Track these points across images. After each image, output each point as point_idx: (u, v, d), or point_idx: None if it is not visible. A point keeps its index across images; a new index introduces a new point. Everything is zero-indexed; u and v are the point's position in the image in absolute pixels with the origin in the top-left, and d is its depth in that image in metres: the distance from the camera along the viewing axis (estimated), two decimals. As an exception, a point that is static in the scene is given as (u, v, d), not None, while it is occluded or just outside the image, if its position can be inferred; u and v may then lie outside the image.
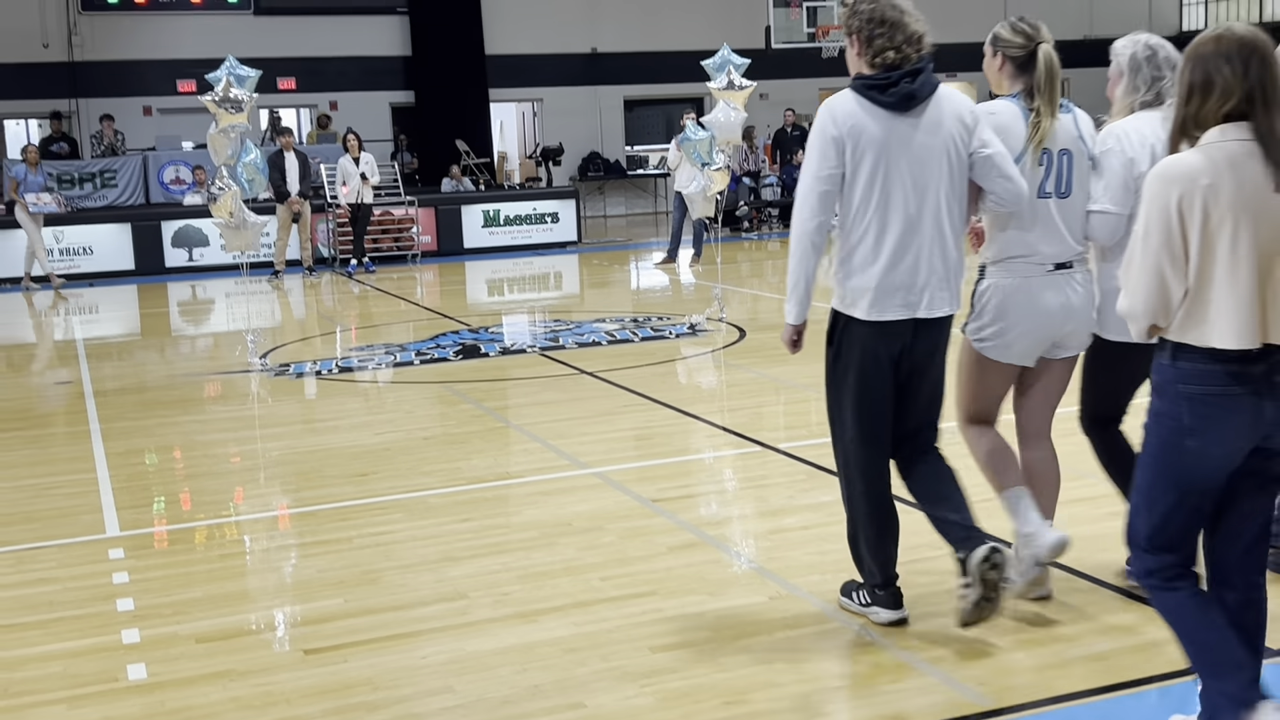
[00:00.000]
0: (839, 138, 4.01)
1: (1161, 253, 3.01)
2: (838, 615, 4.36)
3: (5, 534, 5.75)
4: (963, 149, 4.06)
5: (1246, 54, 2.99)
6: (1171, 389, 3.09)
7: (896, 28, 4.05)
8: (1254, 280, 2.97)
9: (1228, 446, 3.07)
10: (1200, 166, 2.99)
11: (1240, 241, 2.97)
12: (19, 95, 22.20)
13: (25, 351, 12.04)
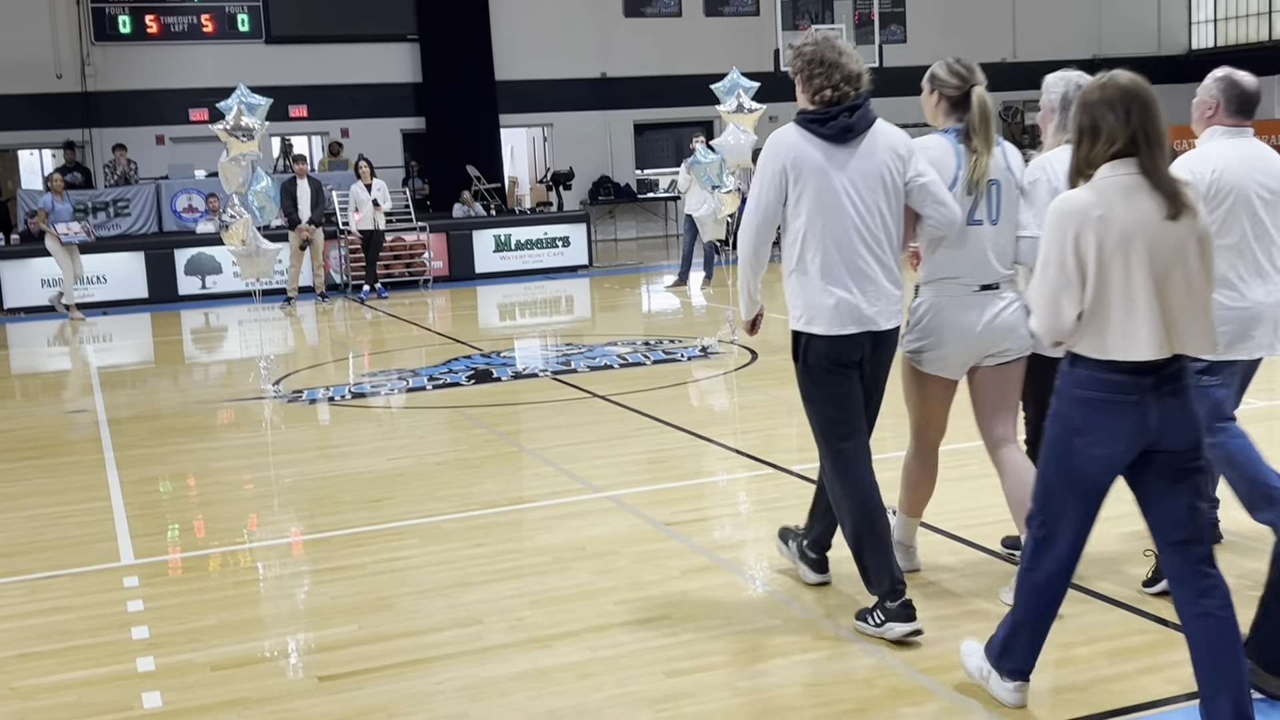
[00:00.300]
0: (783, 168, 4.39)
1: (1058, 279, 3.36)
2: (854, 639, 4.34)
3: (20, 563, 5.76)
4: (898, 177, 4.41)
5: (1128, 101, 3.35)
6: (1068, 393, 3.47)
7: (835, 68, 4.42)
8: (1149, 298, 3.31)
9: (1110, 449, 3.41)
10: (1092, 201, 3.34)
11: (1133, 265, 3.32)
12: (33, 126, 22.36)
13: (40, 380, 12.08)
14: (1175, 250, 3.34)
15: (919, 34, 27.42)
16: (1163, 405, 3.38)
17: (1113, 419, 3.39)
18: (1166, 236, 3.33)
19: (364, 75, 24.01)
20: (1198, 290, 3.38)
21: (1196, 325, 3.37)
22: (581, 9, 25.25)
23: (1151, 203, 3.34)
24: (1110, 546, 5.11)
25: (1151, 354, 3.32)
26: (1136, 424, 3.38)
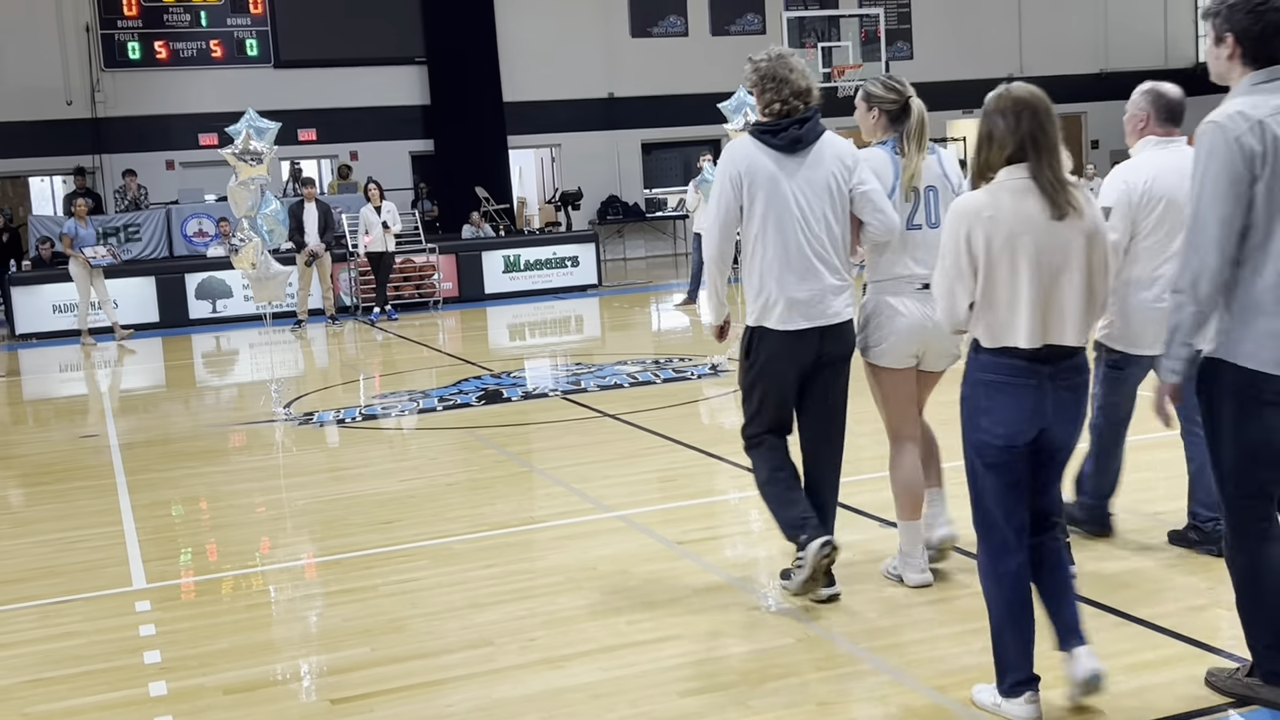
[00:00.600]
0: (738, 175, 4.79)
1: (953, 272, 3.71)
2: (868, 657, 4.32)
3: (31, 589, 5.76)
4: (843, 184, 4.80)
5: (1019, 109, 3.65)
6: (973, 376, 3.77)
7: (785, 83, 4.82)
8: (1035, 292, 3.62)
9: (1011, 427, 3.69)
10: (985, 202, 3.67)
11: (1019, 261, 3.62)
12: (44, 152, 22.49)
13: (51, 405, 12.11)
14: (1062, 248, 3.64)
15: (925, 50, 27.48)
16: (1057, 393, 3.69)
17: (1013, 400, 3.68)
18: (1053, 236, 3.63)
19: (372, 98, 24.11)
20: (1088, 285, 3.67)
21: (1082, 318, 3.68)
22: (588, 30, 25.35)
23: (1039, 204, 3.62)
24: (1123, 564, 5.09)
25: (1029, 342, 3.63)
26: (1034, 406, 3.68)
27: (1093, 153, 28.80)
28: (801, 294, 4.74)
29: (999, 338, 3.68)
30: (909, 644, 4.40)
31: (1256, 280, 3.56)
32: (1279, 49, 3.57)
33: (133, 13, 22.72)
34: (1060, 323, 3.65)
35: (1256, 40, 3.57)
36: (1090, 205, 3.72)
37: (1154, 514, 5.76)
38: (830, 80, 23.21)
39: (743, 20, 26.34)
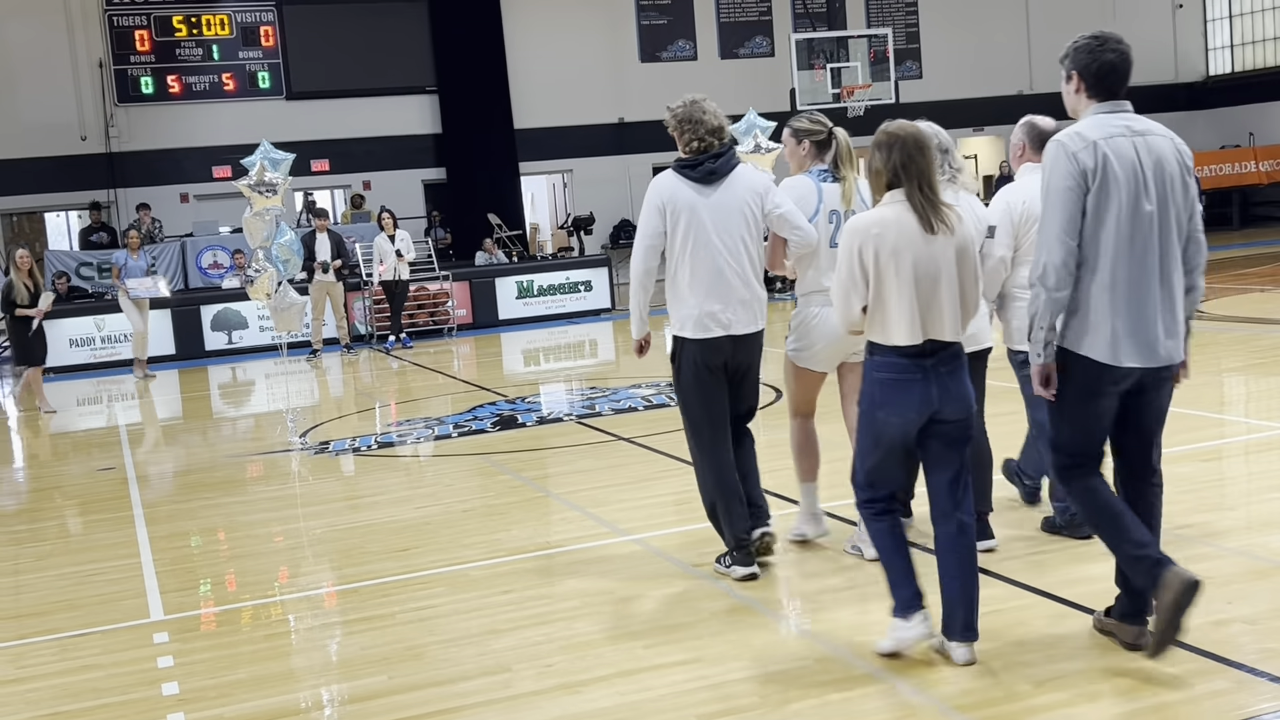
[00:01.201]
0: (662, 205, 5.44)
1: (848, 282, 4.35)
2: (886, 676, 4.30)
3: (49, 622, 5.78)
4: (756, 210, 5.45)
5: (891, 143, 4.32)
6: (870, 375, 4.39)
7: (699, 124, 5.48)
8: (911, 297, 4.25)
9: (904, 416, 4.31)
10: (874, 220, 4.34)
11: (900, 271, 4.27)
12: (59, 188, 22.65)
13: (69, 439, 12.16)
14: (935, 259, 4.29)
15: (934, 69, 27.52)
16: (941, 382, 4.31)
17: (903, 393, 4.30)
18: (928, 249, 4.28)
19: (384, 128, 24.24)
20: (958, 290, 4.33)
21: (956, 317, 4.33)
22: (598, 56, 25.47)
23: (915, 223, 4.27)
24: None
25: (912, 339, 4.27)
26: (923, 396, 4.29)
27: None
28: (715, 306, 5.39)
29: (888, 336, 4.32)
30: (928, 663, 4.37)
31: (1093, 280, 4.15)
32: (1114, 84, 4.27)
33: (145, 48, 22.92)
34: (938, 322, 4.30)
35: (1095, 77, 4.27)
36: (962, 224, 4.37)
37: (1172, 529, 5.72)
38: (840, 100, 23.23)
39: (751, 43, 26.44)
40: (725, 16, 26.36)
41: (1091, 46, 4.29)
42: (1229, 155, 26.92)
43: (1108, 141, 4.14)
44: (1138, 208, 4.12)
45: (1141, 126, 4.23)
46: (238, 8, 23.42)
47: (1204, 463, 7.02)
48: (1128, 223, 4.12)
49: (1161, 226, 4.17)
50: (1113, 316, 4.13)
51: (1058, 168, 4.14)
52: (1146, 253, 4.14)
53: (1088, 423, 4.25)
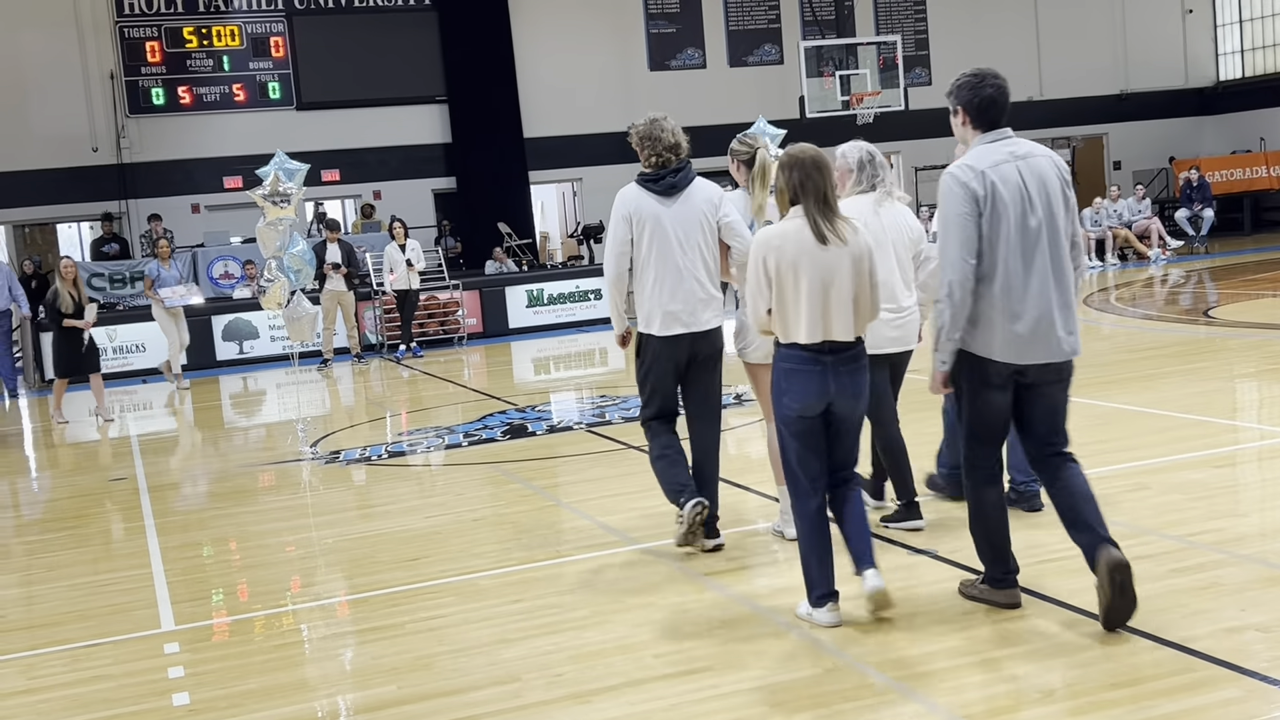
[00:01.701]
0: (628, 215, 6.07)
1: (755, 287, 4.92)
2: (897, 686, 4.29)
3: (61, 632, 5.79)
4: (711, 219, 6.07)
5: (791, 165, 4.88)
6: (777, 366, 4.95)
7: (658, 141, 6.05)
8: (810, 301, 4.79)
9: (804, 402, 4.85)
10: (777, 234, 4.90)
11: (800, 277, 4.81)
12: (71, 199, 22.73)
13: (81, 449, 12.18)
14: (830, 268, 4.81)
15: (944, 76, 27.43)
16: (838, 378, 4.85)
17: (803, 383, 4.84)
18: (822, 258, 4.81)
19: (395, 138, 24.29)
20: (852, 295, 4.84)
21: (849, 320, 4.85)
22: (607, 64, 25.50)
23: (811, 236, 4.80)
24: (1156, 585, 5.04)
25: (810, 339, 4.81)
26: (820, 387, 4.83)
27: (1114, 174, 28.72)
28: (677, 306, 6.00)
29: (789, 335, 4.86)
30: (938, 673, 4.36)
31: (990, 290, 4.66)
32: (996, 116, 4.79)
33: (156, 59, 23.00)
34: (833, 324, 4.82)
35: (978, 110, 4.79)
36: (857, 236, 4.87)
37: (1185, 535, 5.71)
38: (849, 108, 23.24)
39: (760, 51, 26.45)
40: (734, 24, 26.37)
41: (973, 84, 4.82)
42: (1240, 160, 26.84)
43: (994, 169, 4.67)
44: (1025, 223, 4.67)
45: (1023, 150, 4.77)
46: (248, 19, 23.49)
47: (1217, 469, 6.99)
48: (1018, 237, 4.64)
49: (1050, 236, 4.69)
50: (1013, 321, 4.64)
51: (953, 197, 4.67)
52: (1038, 261, 4.67)
53: (993, 417, 4.80)
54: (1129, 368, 10.93)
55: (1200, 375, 10.19)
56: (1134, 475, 6.91)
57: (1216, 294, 17.17)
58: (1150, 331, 13.60)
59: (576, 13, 25.36)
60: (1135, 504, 6.33)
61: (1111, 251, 22.92)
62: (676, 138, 6.08)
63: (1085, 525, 4.68)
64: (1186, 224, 24.03)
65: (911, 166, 27.14)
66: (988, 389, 4.74)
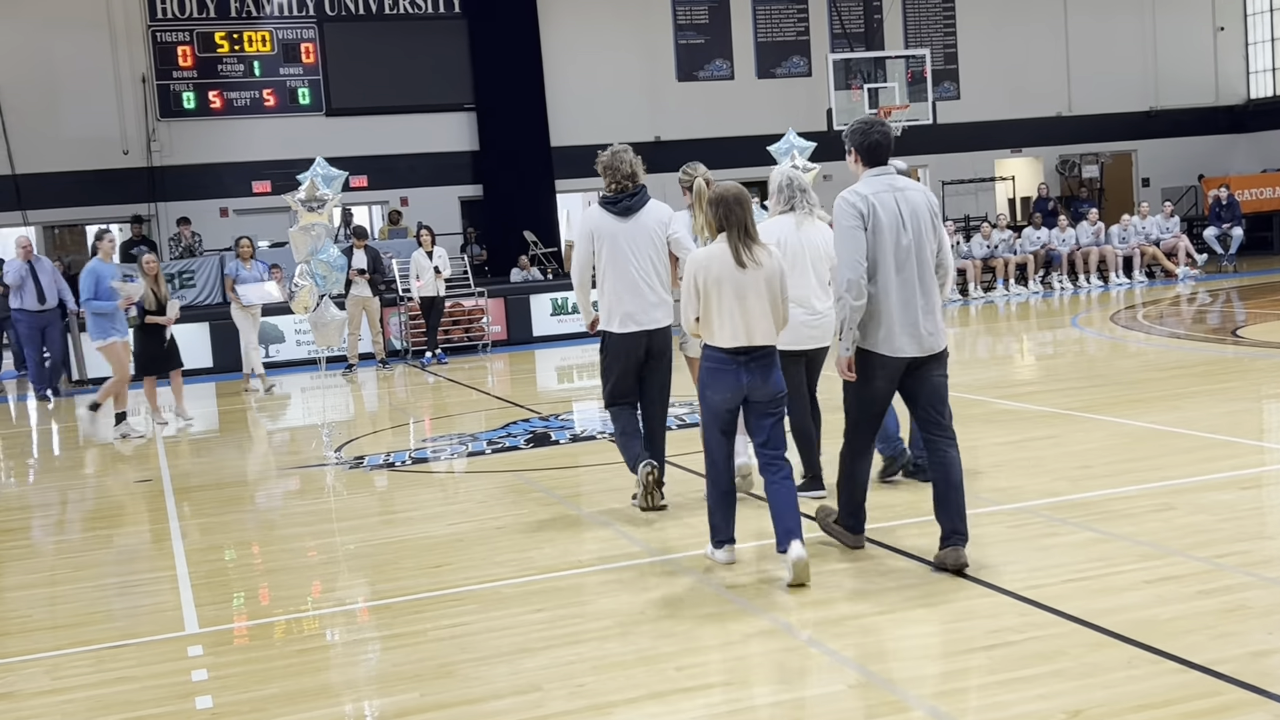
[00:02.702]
0: (591, 232, 7.33)
1: (688, 298, 5.98)
2: (921, 704, 4.27)
3: (85, 633, 5.82)
4: (661, 235, 7.34)
5: (719, 201, 5.96)
6: (703, 364, 6.02)
7: (617, 170, 7.33)
8: (732, 312, 5.86)
9: (723, 396, 5.94)
10: (706, 255, 6.00)
11: (723, 293, 5.88)
12: (101, 201, 22.92)
13: (108, 450, 12.25)
14: (748, 286, 5.87)
15: (972, 90, 27.44)
16: (751, 374, 5.90)
17: (722, 378, 5.92)
18: (741, 277, 5.88)
19: (423, 145, 24.40)
20: (766, 308, 5.90)
21: (764, 328, 5.90)
22: (635, 75, 25.55)
23: (732, 259, 5.89)
24: (1182, 607, 5.00)
25: (731, 344, 5.87)
26: (735, 383, 5.90)
27: (1143, 190, 28.57)
28: (632, 308, 7.22)
29: (713, 339, 5.94)
30: (962, 691, 4.34)
31: (880, 295, 5.74)
32: (880, 155, 5.90)
33: (188, 64, 23.18)
34: (750, 331, 5.87)
35: (866, 151, 5.91)
36: (770, 259, 5.94)
37: (1212, 557, 5.67)
38: (877, 121, 23.19)
39: (789, 63, 26.46)
40: (763, 36, 26.40)
41: (864, 130, 5.96)
42: (1270, 179, 26.67)
43: (875, 195, 5.79)
44: (899, 242, 5.76)
45: (901, 184, 5.86)
46: (279, 24, 23.65)
47: (1244, 490, 6.94)
48: (892, 253, 5.75)
49: (918, 254, 5.79)
50: (890, 321, 5.76)
51: (844, 214, 5.78)
52: (909, 273, 5.77)
53: (874, 397, 5.92)
54: (1156, 387, 10.87)
55: (1228, 395, 10.12)
56: (1160, 495, 6.87)
57: (1245, 313, 17.07)
58: (1177, 350, 13.52)
59: (605, 22, 25.43)
60: (1161, 525, 6.29)
61: (1139, 269, 22.81)
62: (634, 168, 7.34)
63: (948, 513, 5.82)
64: (1215, 242, 23.90)
65: (939, 180, 27.06)
66: (872, 378, 5.84)
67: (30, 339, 16.08)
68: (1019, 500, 6.98)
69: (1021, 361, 14.27)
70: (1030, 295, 21.88)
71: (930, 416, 5.91)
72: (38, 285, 15.71)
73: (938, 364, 5.86)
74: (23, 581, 7.00)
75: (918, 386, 5.87)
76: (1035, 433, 9.00)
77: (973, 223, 25.12)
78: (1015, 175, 28.54)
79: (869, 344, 5.79)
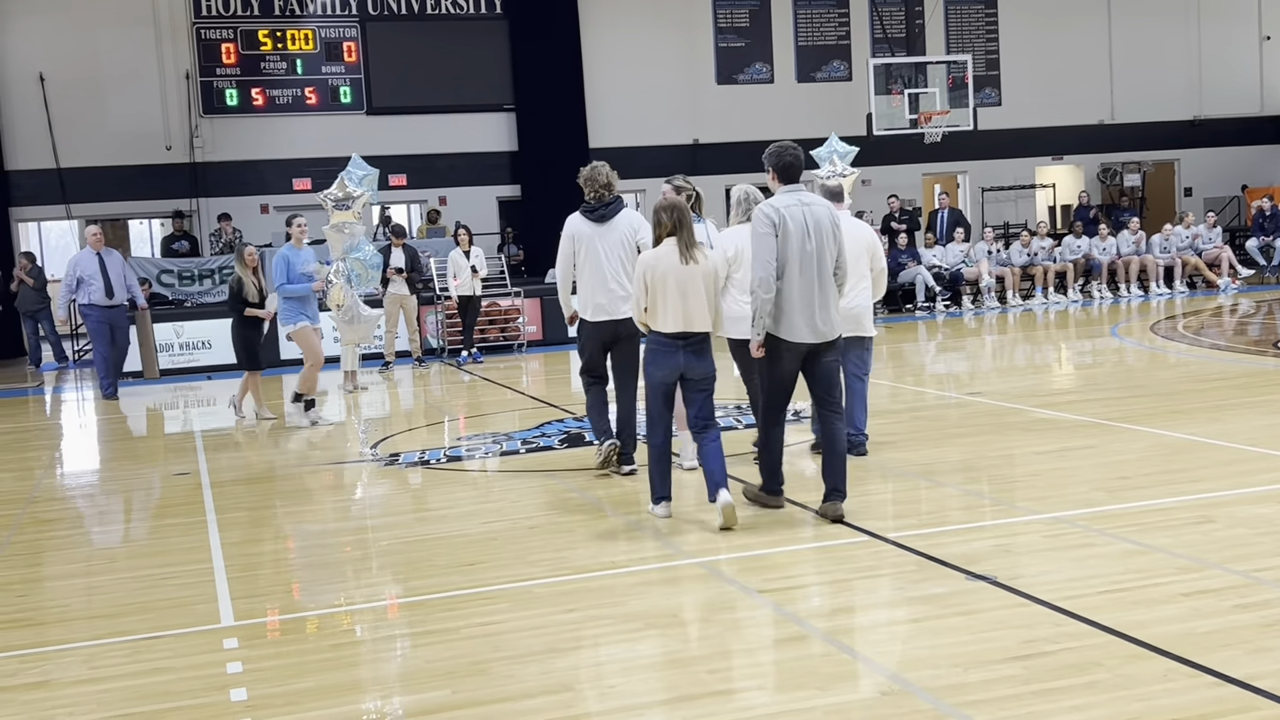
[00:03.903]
0: (572, 235, 8.54)
1: (639, 292, 7.18)
2: (953, 712, 4.25)
3: (123, 624, 5.88)
4: (632, 239, 8.49)
5: (670, 209, 7.21)
6: (648, 346, 7.22)
7: (595, 182, 8.53)
8: (675, 304, 7.05)
9: (664, 372, 7.13)
10: (653, 255, 7.18)
11: (669, 285, 7.06)
12: (144, 196, 23.15)
13: (145, 443, 12.38)
14: (689, 280, 7.10)
15: (1014, 97, 27.28)
16: (688, 355, 7.13)
17: (663, 358, 7.13)
18: (684, 273, 7.10)
19: (462, 144, 24.49)
20: (704, 300, 7.15)
21: (703, 317, 7.15)
22: (674, 77, 25.55)
23: (678, 256, 7.11)
24: (1222, 618, 4.96)
25: (673, 329, 7.09)
26: (673, 362, 7.12)
27: (1185, 200, 28.32)
28: (602, 300, 8.43)
29: (657, 325, 7.13)
30: (995, 700, 4.32)
31: (786, 290, 6.90)
32: (793, 175, 7.18)
33: (231, 61, 23.37)
34: (690, 319, 7.09)
35: (781, 170, 7.21)
36: (706, 259, 7.20)
37: (1250, 571, 5.61)
38: (917, 126, 23.10)
39: (829, 67, 26.39)
40: (803, 40, 26.34)
41: (779, 153, 7.23)
42: (1316, 190, 26.39)
43: (785, 209, 6.95)
44: (803, 247, 6.93)
45: (808, 200, 7.06)
46: (322, 23, 23.81)
47: (1284, 504, 6.87)
48: (798, 257, 6.91)
49: (818, 258, 6.97)
50: (795, 313, 6.90)
51: (760, 223, 6.95)
52: (810, 275, 6.93)
53: (783, 377, 7.07)
54: (1196, 398, 10.77)
55: (1269, 408, 10.02)
56: (1199, 508, 6.81)
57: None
58: (1218, 362, 13.39)
59: (646, 25, 25.44)
60: (1200, 537, 6.23)
61: (1180, 279, 22.62)
62: (609, 179, 8.54)
63: (832, 475, 7.02)
64: (1258, 253, 23.65)
65: (979, 187, 26.92)
66: (780, 360, 7.00)
67: (99, 334, 15.33)
68: (1055, 510, 6.94)
69: (1060, 370, 14.17)
70: (1069, 304, 21.73)
71: (822, 394, 7.14)
72: (106, 279, 15.07)
73: (831, 350, 7.04)
74: (61, 572, 7.08)
75: (815, 369, 7.06)
76: (1073, 442, 8.93)
77: (1012, 229, 24.96)
78: (1056, 183, 28.33)
79: (777, 331, 6.93)
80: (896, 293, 22.07)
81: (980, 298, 21.87)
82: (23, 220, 23.55)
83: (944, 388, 12.80)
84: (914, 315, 21.21)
